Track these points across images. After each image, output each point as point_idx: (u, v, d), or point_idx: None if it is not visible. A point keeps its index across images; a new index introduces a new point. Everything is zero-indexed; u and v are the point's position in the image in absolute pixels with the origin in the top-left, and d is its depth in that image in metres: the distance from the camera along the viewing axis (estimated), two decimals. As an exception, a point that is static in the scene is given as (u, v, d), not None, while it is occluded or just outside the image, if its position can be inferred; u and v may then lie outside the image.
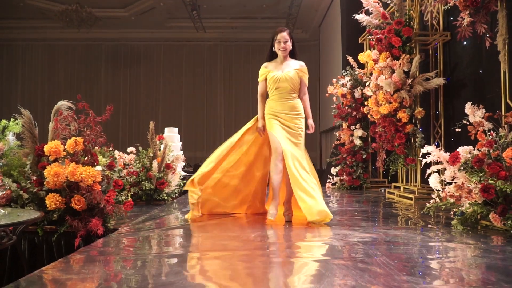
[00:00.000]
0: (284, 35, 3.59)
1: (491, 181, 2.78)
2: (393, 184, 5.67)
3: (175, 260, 2.31)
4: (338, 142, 7.19)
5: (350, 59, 6.71)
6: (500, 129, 3.03)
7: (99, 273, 2.05)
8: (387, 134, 4.97)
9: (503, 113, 3.17)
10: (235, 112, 15.72)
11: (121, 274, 2.04)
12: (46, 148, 2.91)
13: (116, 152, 4.72)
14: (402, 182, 5.41)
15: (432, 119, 5.11)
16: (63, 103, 3.29)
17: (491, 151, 2.87)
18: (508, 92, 3.24)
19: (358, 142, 6.80)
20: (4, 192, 2.11)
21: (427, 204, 3.46)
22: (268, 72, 3.67)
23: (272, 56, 3.72)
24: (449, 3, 3.49)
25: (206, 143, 15.66)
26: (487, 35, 3.32)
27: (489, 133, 2.97)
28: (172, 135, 6.06)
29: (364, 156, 6.84)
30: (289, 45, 3.62)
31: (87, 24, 12.79)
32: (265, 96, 3.71)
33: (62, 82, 15.87)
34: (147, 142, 4.85)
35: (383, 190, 6.14)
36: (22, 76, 15.91)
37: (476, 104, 3.34)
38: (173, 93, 15.93)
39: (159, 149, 4.89)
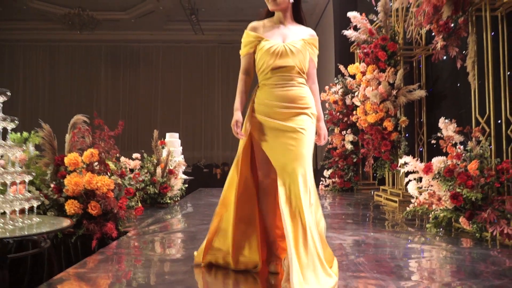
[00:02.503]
0: None
1: (459, 190, 3.16)
2: (381, 187, 6.06)
3: (181, 260, 2.69)
4: (330, 146, 7.56)
5: (341, 67, 7.08)
6: (469, 142, 3.41)
7: (118, 271, 2.43)
8: (374, 141, 5.35)
9: (473, 128, 3.55)
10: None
11: (137, 272, 2.41)
12: (66, 160, 3.28)
13: (122, 158, 5.08)
14: (389, 185, 5.80)
15: (416, 127, 5.49)
16: (79, 117, 3.65)
17: (459, 162, 3.26)
18: (477, 108, 3.62)
19: (349, 146, 7.19)
20: (38, 202, 2.46)
21: (407, 208, 3.85)
22: (259, 38, 2.28)
23: (267, 16, 2.38)
24: (425, 27, 3.87)
25: (204, 143, 16.04)
26: (459, 57, 3.70)
27: (458, 146, 3.36)
28: (173, 140, 6.42)
29: (354, 160, 7.22)
30: None
31: (89, 27, 13.10)
32: (252, 74, 2.38)
33: (62, 83, 16.16)
34: (145, 141, 5.18)
35: (372, 192, 6.53)
36: (23, 76, 16.22)
37: (449, 119, 3.74)
38: (172, 93, 16.27)
39: (162, 155, 5.27)
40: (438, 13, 3.58)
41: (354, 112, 5.66)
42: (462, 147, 3.39)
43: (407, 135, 5.60)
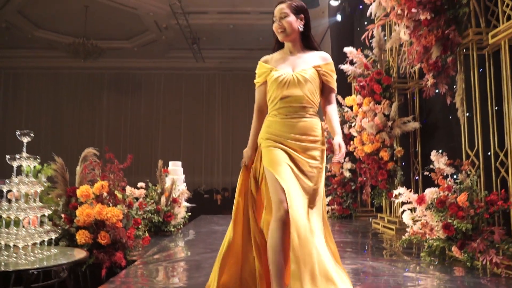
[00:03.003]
0: (280, 7, 2.30)
1: (450, 220, 3.34)
2: (379, 215, 6.22)
3: (189, 288, 2.84)
4: (329, 173, 7.74)
5: (339, 98, 7.32)
6: (459, 174, 3.61)
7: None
8: (371, 170, 5.55)
9: (463, 160, 3.74)
10: (232, 138, 16.28)
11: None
12: (78, 192, 3.46)
13: (128, 187, 5.25)
14: (386, 213, 5.96)
15: (412, 157, 5.69)
16: (90, 150, 3.85)
17: (450, 194, 3.44)
18: (467, 142, 3.83)
19: (347, 174, 7.36)
20: (56, 234, 2.62)
21: (403, 237, 4.00)
22: (269, 70, 2.32)
23: (279, 47, 2.41)
24: (416, 65, 4.12)
25: (204, 168, 16.16)
26: (448, 93, 3.93)
27: (448, 179, 3.55)
28: (176, 168, 6.59)
29: (353, 187, 7.39)
30: (290, 22, 2.26)
31: (93, 56, 13.45)
32: (265, 110, 2.39)
33: (65, 108, 16.45)
34: (146, 166, 5.36)
35: (370, 220, 6.67)
36: (27, 103, 16.48)
37: (443, 150, 3.95)
38: (173, 119, 16.51)
39: (166, 184, 5.45)
40: (428, 53, 3.83)
41: (352, 142, 5.86)
42: (452, 179, 3.58)
43: (403, 164, 5.80)
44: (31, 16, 12.75)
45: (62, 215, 3.61)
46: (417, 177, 5.66)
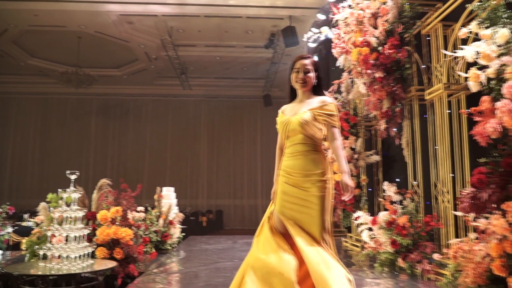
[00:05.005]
0: (305, 63, 2.66)
1: (395, 237, 4.24)
2: (348, 234, 7.11)
3: (191, 291, 3.66)
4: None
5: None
6: (404, 201, 4.54)
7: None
8: (340, 196, 6.44)
9: (408, 189, 4.68)
10: (217, 163, 17.01)
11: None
12: (98, 216, 4.26)
13: (129, 211, 6.02)
14: (354, 233, 6.85)
15: (375, 184, 6.63)
16: (104, 181, 4.66)
17: (395, 216, 4.36)
18: (411, 175, 4.78)
19: (322, 198, 8.26)
20: (92, 249, 3.41)
21: (362, 252, 4.89)
22: (281, 116, 2.74)
23: (294, 95, 2.79)
24: (372, 113, 5.09)
25: (190, 192, 16.75)
26: (397, 136, 4.89)
27: (394, 204, 4.48)
28: (169, 193, 7.39)
29: (327, 210, 8.28)
30: (311, 76, 2.66)
31: (85, 84, 14.14)
32: (283, 150, 2.76)
33: (53, 133, 16.86)
34: (133, 190, 5.95)
35: (342, 239, 7.54)
36: (15, 128, 16.82)
37: (399, 179, 4.88)
38: (159, 144, 17.09)
39: (162, 208, 6.25)
40: (381, 104, 4.80)
41: (324, 171, 6.77)
42: (400, 205, 4.51)
43: (370, 190, 6.73)
44: (25, 46, 13.32)
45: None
46: (379, 201, 6.60)
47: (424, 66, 4.72)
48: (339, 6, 5.29)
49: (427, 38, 4.67)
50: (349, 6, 5.06)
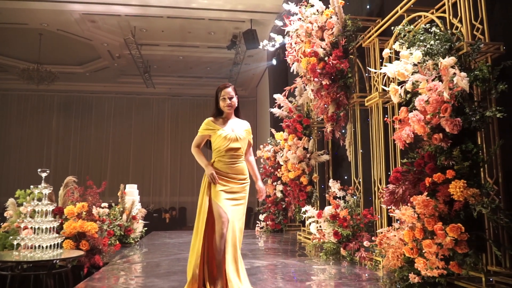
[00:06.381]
0: (228, 91, 3.32)
1: (337, 228, 4.78)
2: (302, 228, 7.65)
3: (153, 283, 4.04)
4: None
5: (273, 131, 8.78)
6: (346, 196, 5.08)
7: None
8: (294, 192, 6.97)
9: (352, 186, 5.23)
10: (180, 160, 17.24)
11: None
12: (65, 211, 4.55)
13: (94, 207, 6.29)
14: (306, 227, 7.39)
15: (326, 181, 7.19)
16: (70, 178, 4.95)
17: (338, 210, 4.90)
18: (354, 173, 5.34)
19: (279, 195, 8.77)
20: (61, 239, 3.74)
21: (310, 243, 5.40)
22: (216, 128, 3.32)
23: (218, 114, 3.40)
24: (320, 116, 5.63)
25: (152, 189, 16.96)
26: (341, 138, 5.44)
27: (337, 199, 5.02)
28: (133, 190, 7.69)
29: (284, 206, 8.80)
30: (234, 101, 3.35)
31: (47, 82, 14.06)
32: (201, 150, 3.43)
33: (13, 130, 16.65)
34: (96, 187, 6.20)
35: (297, 232, 8.09)
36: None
37: (345, 177, 5.42)
38: (123, 141, 17.18)
39: (126, 204, 6.56)
40: (327, 109, 5.33)
41: (279, 169, 7.28)
42: (343, 200, 5.05)
43: (322, 186, 7.28)
44: (-16, 41, 13.17)
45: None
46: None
47: (367, 75, 5.27)
48: (290, 18, 5.76)
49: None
50: (299, 19, 5.54)
